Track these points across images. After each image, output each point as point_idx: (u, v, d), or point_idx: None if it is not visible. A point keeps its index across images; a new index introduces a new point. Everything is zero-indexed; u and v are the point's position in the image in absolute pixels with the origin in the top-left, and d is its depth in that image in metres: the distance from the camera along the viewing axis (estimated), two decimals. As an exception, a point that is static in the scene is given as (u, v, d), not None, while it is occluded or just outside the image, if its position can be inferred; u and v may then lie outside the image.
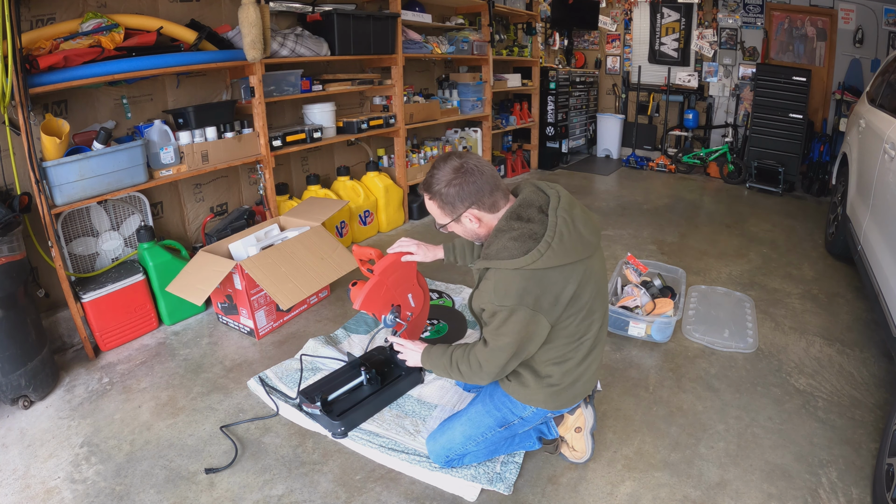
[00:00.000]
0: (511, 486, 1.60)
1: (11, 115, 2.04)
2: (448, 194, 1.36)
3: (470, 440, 1.59)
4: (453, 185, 1.35)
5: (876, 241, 2.29)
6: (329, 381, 1.98)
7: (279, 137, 3.02)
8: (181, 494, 1.59)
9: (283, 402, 1.98)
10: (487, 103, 4.76)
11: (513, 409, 1.55)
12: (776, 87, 4.84)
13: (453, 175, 1.35)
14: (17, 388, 1.92)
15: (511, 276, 1.30)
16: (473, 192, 1.35)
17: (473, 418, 1.59)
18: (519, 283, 1.29)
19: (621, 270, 2.70)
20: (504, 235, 1.33)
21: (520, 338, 1.34)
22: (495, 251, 1.34)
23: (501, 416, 1.56)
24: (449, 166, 1.37)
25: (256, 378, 2.10)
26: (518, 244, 1.30)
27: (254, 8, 2.57)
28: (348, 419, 1.81)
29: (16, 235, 1.90)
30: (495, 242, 1.35)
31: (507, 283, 1.31)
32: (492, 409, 1.57)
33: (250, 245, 2.54)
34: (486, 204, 1.37)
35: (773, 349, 2.34)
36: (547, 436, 1.72)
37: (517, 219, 1.34)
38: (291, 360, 2.23)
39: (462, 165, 1.36)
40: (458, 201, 1.36)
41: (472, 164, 1.36)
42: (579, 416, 1.67)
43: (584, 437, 1.68)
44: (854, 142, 3.14)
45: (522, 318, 1.31)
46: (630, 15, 6.04)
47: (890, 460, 1.52)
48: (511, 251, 1.30)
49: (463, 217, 1.39)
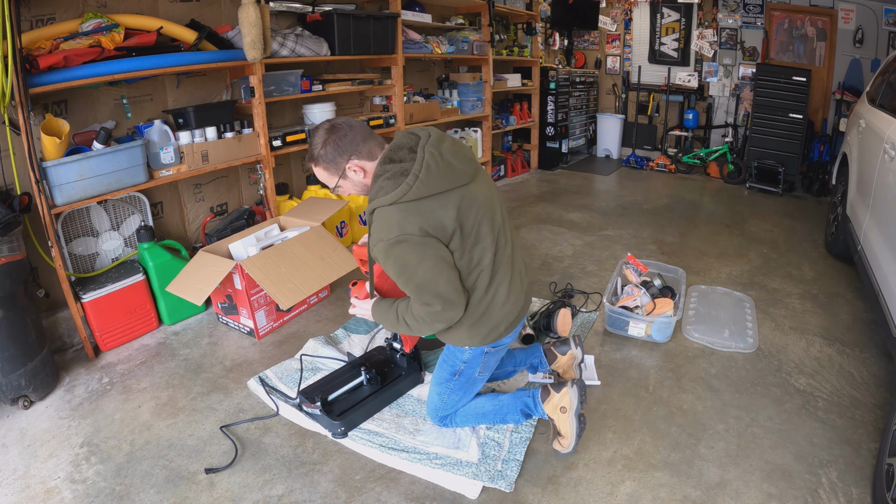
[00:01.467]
0: (512, 484, 1.60)
1: (11, 115, 2.04)
2: (328, 154, 1.47)
3: (441, 395, 1.77)
4: (329, 144, 1.46)
5: (876, 241, 2.29)
6: (329, 381, 1.99)
7: (279, 137, 3.02)
8: (181, 494, 1.59)
9: (284, 402, 1.98)
10: (487, 103, 4.76)
11: (455, 355, 1.69)
12: (776, 87, 4.84)
13: (326, 135, 1.47)
14: (17, 388, 1.92)
15: (389, 211, 1.37)
16: (348, 144, 1.46)
17: (436, 376, 1.78)
18: (397, 215, 1.37)
19: (621, 270, 2.70)
20: (380, 178, 1.43)
21: (429, 263, 1.38)
22: (374, 193, 1.43)
23: (450, 366, 1.72)
24: (321, 130, 1.49)
25: (256, 378, 2.10)
26: (391, 182, 1.39)
27: (254, 8, 2.57)
28: (348, 419, 1.82)
29: (16, 235, 1.90)
30: (374, 186, 1.44)
31: (387, 218, 1.38)
32: (443, 364, 1.75)
33: (250, 245, 2.54)
34: (363, 153, 1.48)
35: (773, 349, 2.34)
36: (533, 412, 1.76)
37: (389, 161, 1.44)
38: (291, 360, 2.23)
39: (332, 125, 1.48)
40: (337, 156, 1.47)
41: (341, 121, 1.49)
42: (564, 396, 1.71)
43: (570, 419, 1.69)
44: (854, 142, 3.14)
45: (415, 247, 1.37)
46: (630, 15, 6.04)
47: (890, 460, 1.52)
48: (386, 189, 1.39)
49: (347, 171, 1.49)
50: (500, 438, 1.78)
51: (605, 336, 2.45)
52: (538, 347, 2.05)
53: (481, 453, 1.72)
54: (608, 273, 3.11)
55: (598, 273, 3.12)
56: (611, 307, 2.39)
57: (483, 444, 1.76)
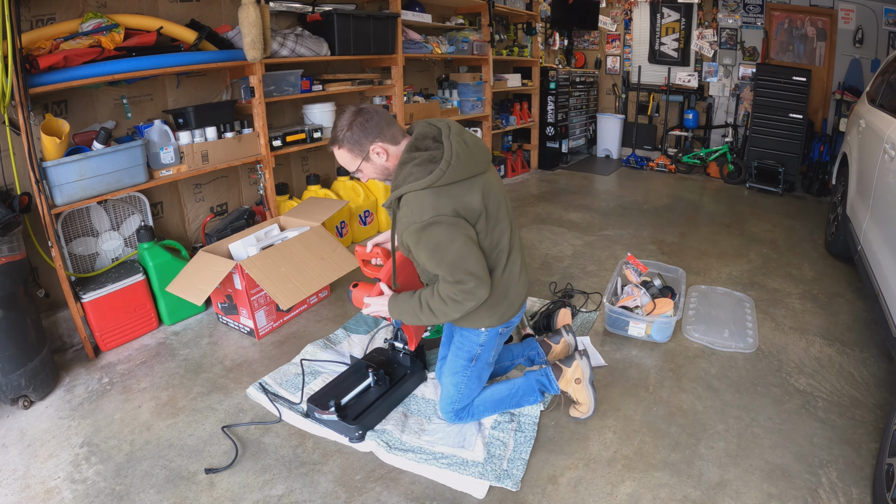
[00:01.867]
0: (519, 483, 1.61)
1: (11, 115, 2.04)
2: (353, 135, 1.49)
3: (458, 385, 1.77)
4: (355, 126, 1.49)
5: (876, 241, 2.29)
6: (336, 385, 1.96)
7: (279, 137, 3.02)
8: (181, 494, 1.59)
9: (288, 408, 1.93)
10: (487, 103, 4.76)
11: (471, 340, 1.72)
12: (776, 87, 4.84)
13: (353, 117, 1.50)
14: (17, 388, 1.92)
15: (423, 195, 1.44)
16: (374, 127, 1.50)
17: (451, 366, 1.79)
18: (430, 198, 1.43)
19: (621, 270, 2.70)
20: (407, 165, 1.48)
21: (460, 242, 1.44)
22: (402, 179, 1.48)
23: (466, 352, 1.74)
24: (347, 113, 1.52)
25: (257, 385, 2.06)
26: (421, 168, 1.45)
27: (254, 8, 2.57)
28: (363, 422, 1.79)
29: (16, 235, 1.90)
30: (401, 173, 1.49)
31: (420, 202, 1.43)
32: (457, 351, 1.76)
33: (250, 245, 2.54)
34: (387, 136, 1.52)
35: (773, 349, 2.34)
36: (548, 390, 1.87)
37: (416, 150, 1.50)
38: (289, 365, 2.20)
39: (358, 109, 1.52)
40: (363, 138, 1.49)
41: (366, 106, 1.53)
42: (576, 368, 1.85)
43: (585, 388, 1.85)
44: (854, 142, 3.14)
45: (449, 226, 1.43)
46: (630, 15, 6.04)
47: (890, 460, 1.52)
48: (417, 175, 1.45)
49: (371, 153, 1.52)
50: (504, 438, 1.78)
51: (605, 336, 2.45)
52: (532, 340, 2.12)
53: (487, 452, 1.72)
54: (608, 273, 3.11)
55: (598, 273, 3.12)
56: (611, 307, 2.39)
57: (488, 443, 1.76)
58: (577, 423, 1.88)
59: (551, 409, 1.93)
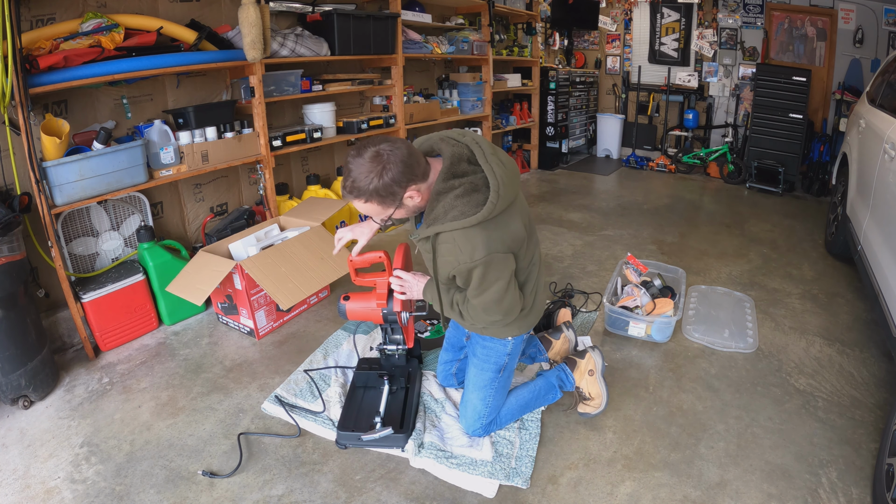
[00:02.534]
0: (528, 480, 1.61)
1: (11, 115, 2.04)
2: (383, 187, 1.29)
3: (486, 399, 1.72)
4: (384, 175, 1.28)
5: (876, 241, 2.29)
6: (359, 400, 1.91)
7: (279, 137, 3.02)
8: (181, 494, 1.59)
9: (310, 419, 1.87)
10: (487, 103, 4.76)
11: (497, 350, 1.68)
12: (776, 87, 4.84)
13: (373, 165, 1.27)
14: (17, 388, 1.92)
15: (472, 232, 1.33)
16: (402, 171, 1.29)
17: (476, 380, 1.72)
18: (482, 234, 1.33)
19: (621, 270, 2.70)
20: (446, 196, 1.34)
21: (503, 281, 1.41)
22: (442, 213, 1.34)
23: (494, 363, 1.69)
24: (363, 161, 1.28)
25: (273, 398, 1.98)
26: (465, 200, 1.32)
27: (254, 8, 2.57)
28: (406, 428, 1.76)
29: (16, 235, 1.90)
30: (438, 205, 1.35)
31: (470, 240, 1.33)
32: (482, 364, 1.70)
33: (250, 245, 2.54)
34: (418, 175, 1.34)
35: (773, 349, 2.34)
36: (566, 385, 1.87)
37: (454, 177, 1.35)
38: (295, 374, 2.14)
39: (376, 153, 1.28)
40: (395, 187, 1.30)
41: (382, 146, 1.29)
42: (589, 360, 1.87)
43: (598, 380, 1.87)
44: (854, 142, 3.14)
45: (499, 263, 1.38)
46: (630, 15, 6.04)
47: (890, 460, 1.52)
48: (461, 208, 1.32)
49: (405, 199, 1.35)
50: (510, 437, 1.79)
51: (605, 336, 2.45)
52: (533, 338, 2.12)
53: (495, 451, 1.72)
54: (608, 273, 3.11)
55: (598, 273, 3.12)
56: (611, 307, 2.39)
57: (495, 442, 1.76)
58: (576, 423, 1.88)
59: (566, 409, 1.93)
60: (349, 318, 1.87)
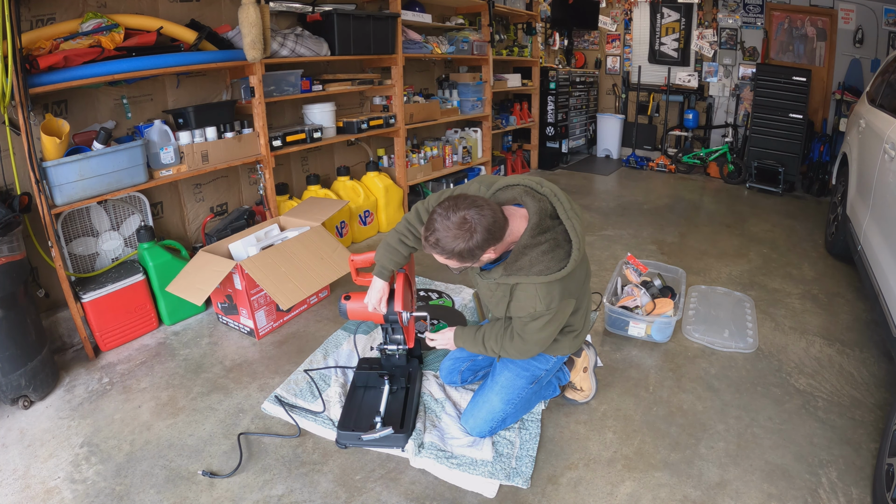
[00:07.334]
0: (528, 480, 1.61)
1: (11, 115, 2.04)
2: (468, 249, 1.36)
3: (509, 403, 1.76)
4: (470, 242, 1.35)
5: (876, 241, 2.29)
6: (359, 401, 1.90)
7: (279, 137, 3.02)
8: (181, 494, 1.59)
9: (310, 419, 1.87)
10: (487, 103, 4.76)
11: (540, 365, 1.77)
12: (776, 87, 4.84)
13: (461, 231, 1.34)
14: (17, 388, 1.92)
15: (552, 285, 1.46)
16: (487, 239, 1.37)
17: (506, 384, 1.76)
18: (559, 287, 1.48)
19: (621, 270, 2.70)
20: (533, 251, 1.44)
21: (553, 327, 1.57)
22: (528, 265, 1.45)
23: (531, 374, 1.77)
24: (452, 225, 1.34)
25: (273, 398, 1.98)
26: (549, 256, 1.44)
27: (254, 8, 2.57)
28: (406, 428, 1.76)
29: (16, 235, 1.90)
30: (524, 258, 1.45)
31: (550, 291, 1.47)
32: (521, 372, 1.77)
33: (250, 245, 2.54)
34: (498, 239, 1.41)
35: (773, 349, 2.34)
36: (563, 381, 1.95)
37: (541, 233, 1.44)
38: (295, 374, 2.14)
39: (464, 219, 1.34)
40: (477, 250, 1.38)
41: (472, 214, 1.34)
42: (585, 358, 1.96)
43: (590, 376, 1.99)
44: (854, 142, 3.14)
45: (565, 308, 1.55)
46: (630, 15, 6.04)
47: (890, 460, 1.52)
48: (546, 263, 1.44)
49: (482, 258, 1.45)
50: (511, 437, 1.79)
51: (605, 336, 2.45)
52: None
53: (495, 451, 1.72)
54: (608, 273, 3.11)
55: (598, 273, 3.12)
56: (611, 307, 2.39)
57: (496, 442, 1.77)
58: (576, 423, 1.88)
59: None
60: (350, 317, 1.87)
